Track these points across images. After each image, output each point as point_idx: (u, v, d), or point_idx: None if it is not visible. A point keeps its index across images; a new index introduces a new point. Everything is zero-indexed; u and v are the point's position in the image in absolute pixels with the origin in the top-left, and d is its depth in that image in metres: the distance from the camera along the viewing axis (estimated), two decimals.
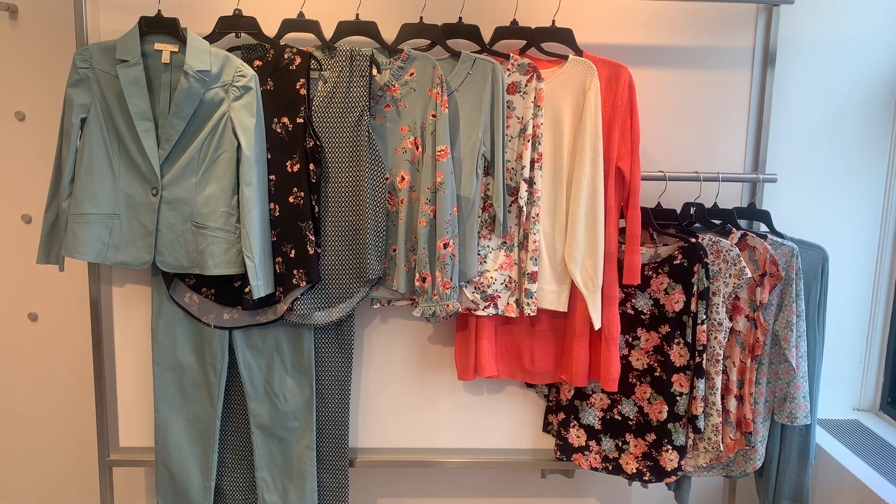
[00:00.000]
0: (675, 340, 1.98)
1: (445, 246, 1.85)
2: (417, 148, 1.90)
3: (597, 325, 1.93)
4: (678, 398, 2.00)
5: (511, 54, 1.93)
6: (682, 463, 2.03)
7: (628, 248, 1.93)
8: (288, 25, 1.91)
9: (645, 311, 2.02)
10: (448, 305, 1.86)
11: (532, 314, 1.93)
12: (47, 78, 2.21)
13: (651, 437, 2.04)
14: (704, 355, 1.97)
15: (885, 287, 2.34)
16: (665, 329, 1.99)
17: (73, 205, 1.81)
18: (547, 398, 2.15)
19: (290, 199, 1.87)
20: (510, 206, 1.94)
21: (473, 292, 1.95)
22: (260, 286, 1.82)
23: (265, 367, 2.02)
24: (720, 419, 2.00)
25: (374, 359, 2.13)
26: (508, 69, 1.91)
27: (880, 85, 2.24)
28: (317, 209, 1.90)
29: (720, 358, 1.97)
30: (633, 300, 2.02)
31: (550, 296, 1.96)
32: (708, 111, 2.10)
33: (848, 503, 2.05)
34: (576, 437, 2.11)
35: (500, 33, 1.94)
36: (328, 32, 1.93)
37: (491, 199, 1.92)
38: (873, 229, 2.31)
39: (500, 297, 1.95)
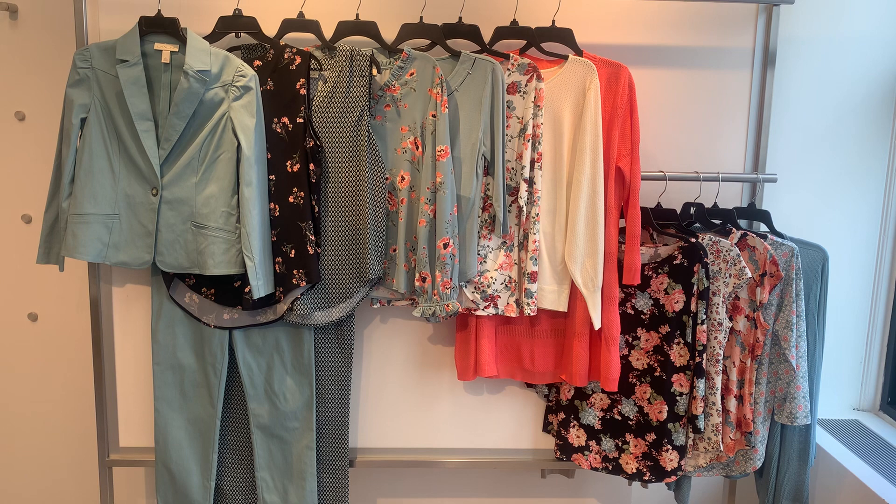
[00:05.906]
0: (675, 340, 1.98)
1: (445, 246, 1.85)
2: (417, 148, 1.90)
3: (597, 325, 1.93)
4: (678, 398, 2.00)
5: (511, 54, 1.93)
6: (682, 463, 2.03)
7: (628, 248, 1.93)
8: (288, 25, 1.91)
9: (645, 311, 2.02)
10: (448, 305, 1.86)
11: (532, 314, 1.93)
12: (47, 78, 2.20)
13: (651, 437, 2.04)
14: (704, 355, 1.97)
15: (885, 287, 2.34)
16: (665, 329, 1.99)
17: (73, 205, 1.81)
18: (547, 398, 2.15)
19: (290, 199, 1.87)
20: (510, 206, 1.94)
21: (473, 292, 1.95)
22: (260, 286, 1.82)
23: (265, 367, 2.02)
24: (720, 419, 2.00)
25: (374, 359, 2.13)
26: (508, 69, 1.91)
27: (880, 85, 2.24)
28: (317, 209, 1.90)
29: (720, 358, 1.97)
30: (633, 300, 2.02)
31: (550, 296, 1.96)
32: (708, 111, 2.10)
33: (848, 503, 2.05)
34: (576, 437, 2.11)
35: (500, 33, 1.94)
36: (328, 32, 1.93)
37: (491, 199, 1.92)
38: (873, 229, 2.31)
39: (500, 297, 1.95)
